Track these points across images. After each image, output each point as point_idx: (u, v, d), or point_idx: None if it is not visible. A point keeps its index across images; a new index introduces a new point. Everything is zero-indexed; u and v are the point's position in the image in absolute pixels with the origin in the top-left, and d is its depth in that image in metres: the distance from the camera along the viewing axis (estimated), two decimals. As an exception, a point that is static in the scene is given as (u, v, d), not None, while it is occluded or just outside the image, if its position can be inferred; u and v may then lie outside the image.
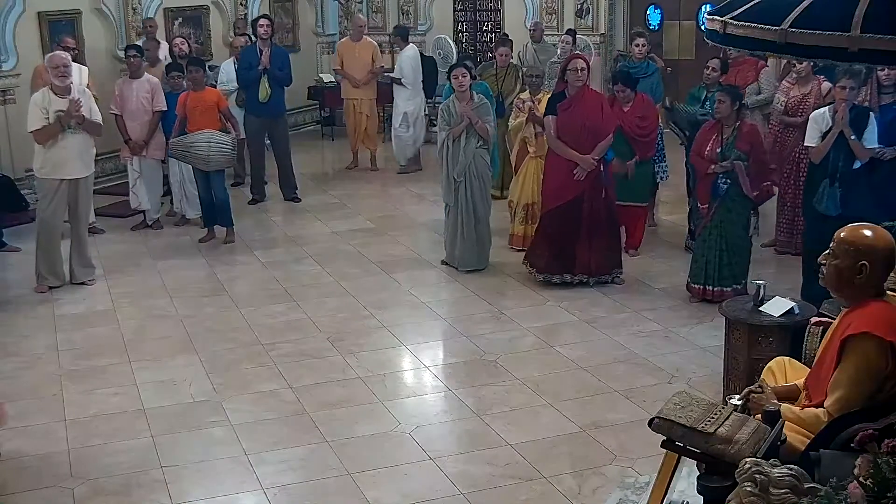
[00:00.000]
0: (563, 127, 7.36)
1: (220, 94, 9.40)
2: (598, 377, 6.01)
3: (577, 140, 7.30)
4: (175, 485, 4.87)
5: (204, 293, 7.70)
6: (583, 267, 7.47)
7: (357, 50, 11.66)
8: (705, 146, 7.01)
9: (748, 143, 6.91)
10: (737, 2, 3.56)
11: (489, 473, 4.92)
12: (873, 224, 3.73)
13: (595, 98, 7.56)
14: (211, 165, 8.76)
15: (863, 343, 3.52)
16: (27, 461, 5.14)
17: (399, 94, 11.56)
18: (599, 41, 12.59)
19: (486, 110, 7.92)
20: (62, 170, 7.54)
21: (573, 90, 7.36)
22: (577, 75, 7.29)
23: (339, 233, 9.29)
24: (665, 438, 3.66)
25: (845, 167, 6.65)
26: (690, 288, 7.22)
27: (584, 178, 7.29)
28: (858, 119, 6.68)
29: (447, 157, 7.86)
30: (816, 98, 7.94)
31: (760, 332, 5.30)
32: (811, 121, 6.90)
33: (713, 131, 7.03)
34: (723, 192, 6.90)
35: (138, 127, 9.13)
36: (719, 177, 6.90)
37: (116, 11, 11.17)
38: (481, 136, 7.82)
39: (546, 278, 7.55)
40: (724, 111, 6.90)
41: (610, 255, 7.57)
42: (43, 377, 6.20)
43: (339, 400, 5.78)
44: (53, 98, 7.46)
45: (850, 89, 6.65)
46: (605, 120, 7.37)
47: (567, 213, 7.39)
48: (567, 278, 7.50)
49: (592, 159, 7.26)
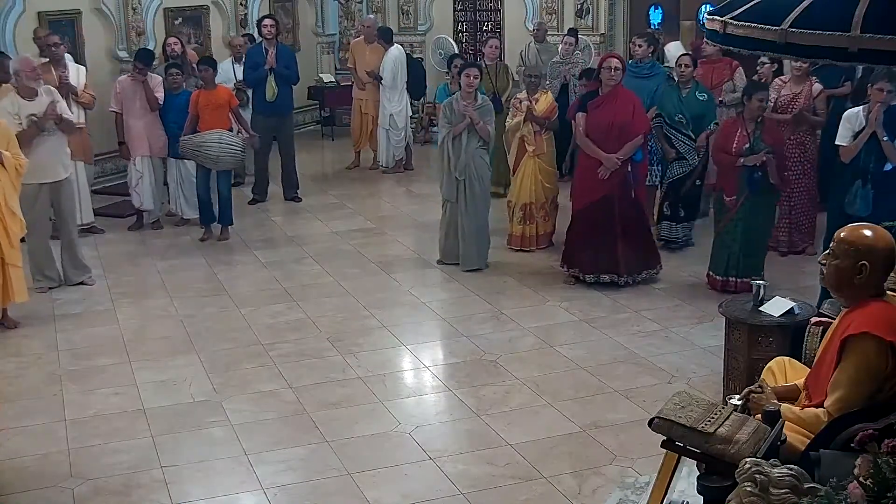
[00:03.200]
0: (592, 125, 7.35)
1: (231, 93, 9.39)
2: (597, 377, 6.01)
3: (605, 139, 7.29)
4: (175, 485, 4.87)
5: (204, 293, 7.70)
6: (619, 266, 7.44)
7: (368, 51, 11.68)
8: (731, 142, 7.14)
9: (773, 137, 7.15)
10: (737, 2, 3.56)
11: (489, 473, 4.92)
12: (873, 224, 3.73)
13: (627, 98, 7.46)
14: (219, 165, 8.81)
15: (863, 343, 3.52)
16: (27, 461, 5.14)
17: (383, 95, 11.56)
18: (599, 41, 12.58)
19: (488, 111, 7.92)
20: (42, 173, 7.42)
21: (606, 89, 7.34)
22: (611, 74, 7.26)
23: (339, 233, 9.29)
24: (665, 438, 3.66)
25: (877, 168, 6.63)
26: (712, 280, 7.31)
27: (610, 177, 7.28)
28: (891, 120, 6.63)
29: (448, 155, 7.87)
30: (807, 98, 7.98)
31: (760, 332, 5.30)
32: (844, 119, 6.84)
33: (735, 127, 7.20)
34: (757, 183, 7.01)
35: (141, 125, 9.12)
36: (753, 169, 7.00)
37: (116, 11, 11.17)
38: (482, 136, 7.82)
39: (581, 277, 7.51)
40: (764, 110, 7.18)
41: (643, 254, 7.56)
42: (43, 377, 6.20)
43: (339, 400, 5.78)
44: (22, 102, 7.32)
45: (888, 92, 6.63)
46: (635, 120, 7.35)
47: (597, 213, 7.37)
48: (606, 279, 7.44)
49: (617, 159, 7.25)
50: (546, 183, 8.42)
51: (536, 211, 8.44)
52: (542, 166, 8.35)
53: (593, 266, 7.46)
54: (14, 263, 6.78)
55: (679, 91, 8.20)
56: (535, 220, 8.46)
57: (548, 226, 8.55)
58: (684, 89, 8.18)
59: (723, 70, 9.03)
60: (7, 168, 6.69)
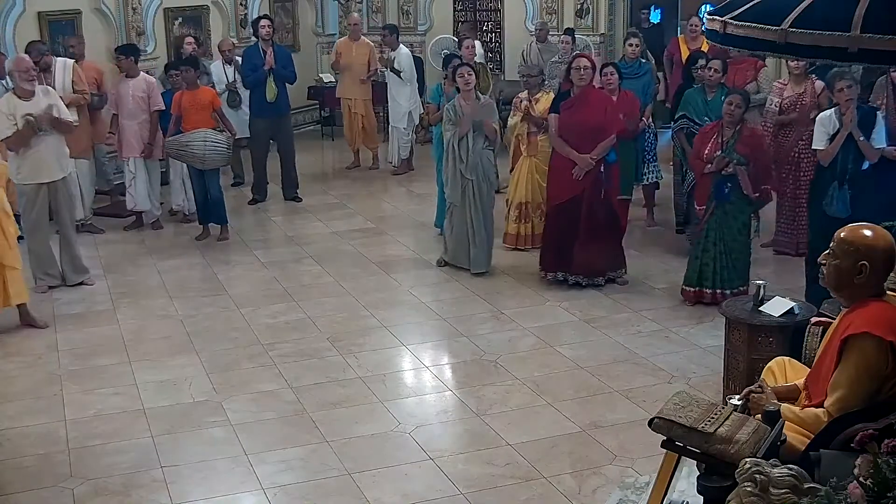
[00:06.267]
0: (564, 126, 7.35)
1: (215, 93, 9.42)
2: (597, 377, 6.01)
3: (579, 139, 7.29)
4: (175, 485, 4.87)
5: (204, 293, 7.70)
6: (578, 267, 7.45)
7: (354, 49, 11.66)
8: (704, 147, 7.00)
9: (749, 147, 6.89)
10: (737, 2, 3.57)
11: (489, 473, 4.92)
12: (873, 224, 3.73)
13: (600, 98, 7.50)
14: (207, 164, 8.78)
15: (863, 343, 3.51)
16: (27, 461, 5.14)
17: (401, 94, 11.54)
18: (599, 41, 12.59)
19: (491, 110, 7.90)
20: (40, 174, 7.42)
21: (577, 89, 7.35)
22: (581, 74, 7.27)
23: (339, 233, 9.29)
24: (665, 438, 3.65)
25: (854, 169, 6.62)
26: (684, 292, 7.18)
27: (583, 177, 7.29)
28: (865, 119, 6.64)
29: (455, 157, 7.85)
30: (812, 97, 7.96)
31: (760, 332, 5.30)
32: (818, 123, 6.83)
33: (713, 132, 7.02)
34: (726, 195, 6.85)
35: (135, 126, 9.11)
36: (722, 179, 6.86)
37: (116, 11, 11.16)
38: (488, 135, 7.81)
39: (547, 276, 7.55)
40: (739, 115, 6.90)
41: (609, 256, 7.55)
42: (43, 377, 6.20)
43: (339, 400, 5.78)
44: (18, 102, 7.29)
45: (847, 88, 6.61)
46: (607, 120, 7.34)
47: (565, 213, 7.38)
48: (560, 276, 7.49)
49: (591, 159, 7.25)
50: (542, 183, 8.38)
51: (532, 210, 8.44)
52: (538, 166, 8.33)
53: (557, 265, 7.48)
54: (12, 265, 6.76)
55: (704, 94, 8.13)
56: (530, 220, 8.46)
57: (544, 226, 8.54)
58: (710, 92, 8.07)
59: (746, 71, 8.89)
60: None
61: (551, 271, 7.55)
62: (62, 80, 8.76)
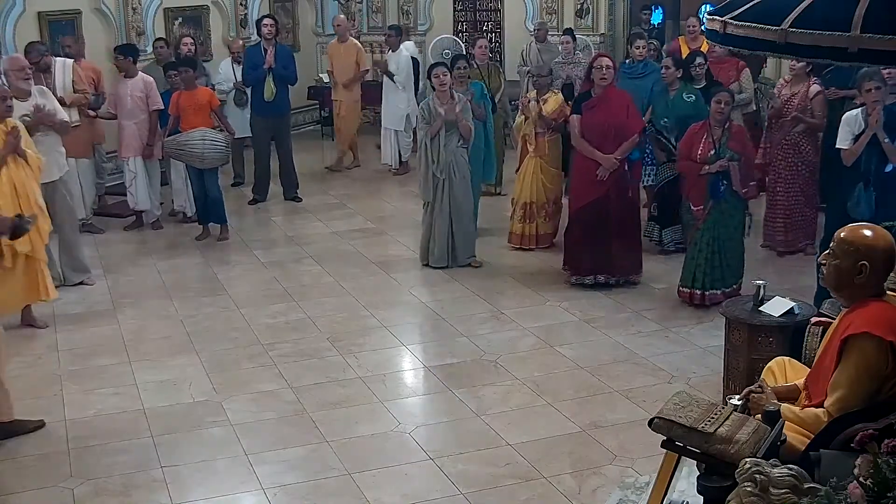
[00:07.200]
0: (587, 126, 7.31)
1: (212, 93, 9.42)
2: (597, 377, 6.01)
3: (602, 140, 7.27)
4: (175, 485, 4.88)
5: (204, 293, 7.70)
6: (616, 269, 7.43)
7: (342, 51, 11.65)
8: (696, 148, 6.96)
9: (740, 144, 6.92)
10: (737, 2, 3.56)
11: (489, 473, 4.92)
12: (873, 224, 3.73)
13: (620, 98, 7.43)
14: (206, 163, 8.78)
15: (863, 343, 3.51)
16: (27, 461, 5.14)
17: (399, 97, 11.52)
18: (599, 41, 12.59)
19: (467, 109, 7.91)
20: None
21: (598, 89, 7.30)
22: (602, 73, 7.22)
23: (339, 233, 9.29)
24: (665, 438, 3.65)
25: (878, 170, 6.55)
26: (681, 293, 7.17)
27: (608, 178, 7.26)
28: (891, 121, 6.56)
29: (427, 156, 7.86)
30: (802, 100, 7.92)
31: (760, 332, 5.30)
32: (843, 122, 6.76)
33: (701, 133, 6.99)
34: (721, 193, 6.85)
35: (134, 126, 9.11)
36: (718, 178, 6.86)
37: (116, 11, 11.18)
38: (463, 135, 7.81)
39: (578, 280, 7.50)
40: (728, 113, 6.91)
41: (632, 256, 7.55)
42: (43, 377, 6.20)
43: (339, 400, 5.78)
44: (14, 102, 7.14)
45: (875, 90, 6.56)
46: (630, 120, 7.32)
47: (592, 214, 7.34)
48: (601, 279, 7.44)
49: (615, 159, 7.24)
50: (548, 183, 8.41)
51: (537, 210, 8.43)
52: (543, 166, 8.34)
53: (591, 267, 7.45)
54: (44, 259, 6.79)
55: (667, 94, 8.13)
56: (535, 220, 8.45)
57: (549, 226, 8.53)
58: (671, 90, 8.10)
59: (729, 70, 8.96)
60: (32, 167, 6.67)
61: (587, 275, 7.45)
62: (62, 80, 8.74)
